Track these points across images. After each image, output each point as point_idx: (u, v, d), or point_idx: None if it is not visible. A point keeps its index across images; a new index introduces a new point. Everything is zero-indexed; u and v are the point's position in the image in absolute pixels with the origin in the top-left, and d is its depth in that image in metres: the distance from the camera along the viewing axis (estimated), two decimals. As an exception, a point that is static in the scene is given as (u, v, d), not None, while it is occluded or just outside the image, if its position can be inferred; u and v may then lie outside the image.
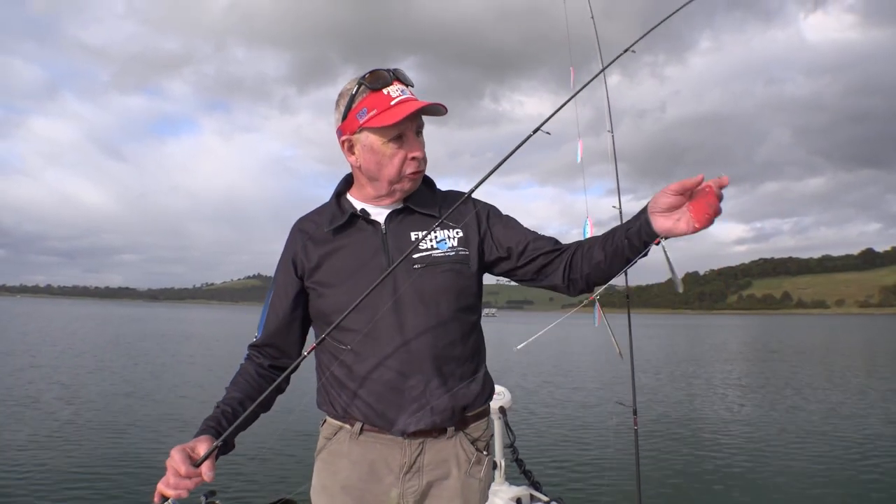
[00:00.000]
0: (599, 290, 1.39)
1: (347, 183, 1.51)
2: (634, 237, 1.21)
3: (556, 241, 1.43)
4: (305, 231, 1.47)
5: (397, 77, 1.37)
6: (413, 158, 1.36)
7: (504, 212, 1.51)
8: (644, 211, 1.19)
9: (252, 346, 1.48)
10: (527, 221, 1.49)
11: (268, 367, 1.44)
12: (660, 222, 1.15)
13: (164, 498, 1.15)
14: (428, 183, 1.52)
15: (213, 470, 1.17)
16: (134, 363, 14.92)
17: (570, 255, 1.37)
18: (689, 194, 1.11)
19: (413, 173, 1.38)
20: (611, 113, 2.70)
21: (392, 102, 1.32)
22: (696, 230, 1.12)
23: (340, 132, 1.41)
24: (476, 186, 1.33)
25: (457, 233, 1.43)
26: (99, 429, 7.42)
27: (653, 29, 1.54)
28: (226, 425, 1.26)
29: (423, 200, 1.46)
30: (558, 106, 1.40)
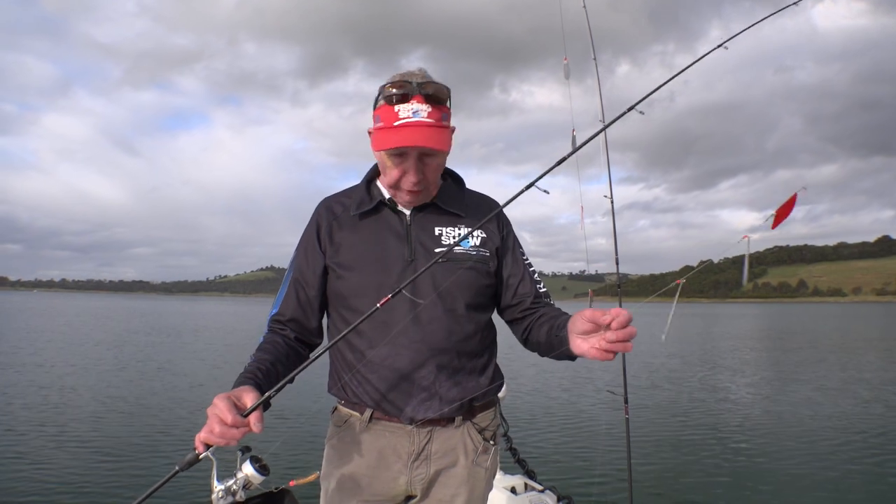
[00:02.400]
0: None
1: (378, 170, 1.51)
2: (558, 346, 1.28)
3: (534, 295, 1.48)
4: (333, 211, 1.48)
5: (422, 93, 1.30)
6: (408, 179, 1.35)
7: (516, 204, 1.52)
8: (565, 327, 1.24)
9: (274, 320, 1.44)
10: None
11: (294, 339, 1.42)
12: (576, 344, 1.18)
13: (207, 447, 1.08)
14: (457, 181, 1.54)
15: (261, 421, 1.08)
16: (138, 360, 15.05)
17: (529, 322, 1.45)
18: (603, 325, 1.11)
19: (410, 191, 1.37)
20: (603, 108, 2.69)
21: (395, 123, 1.29)
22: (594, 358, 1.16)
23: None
24: (505, 205, 1.36)
25: (479, 233, 1.45)
26: (104, 420, 7.51)
27: (660, 87, 1.51)
28: (262, 378, 1.20)
29: (451, 198, 1.48)
30: (555, 162, 1.42)
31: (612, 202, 2.82)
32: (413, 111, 1.29)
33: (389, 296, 1.20)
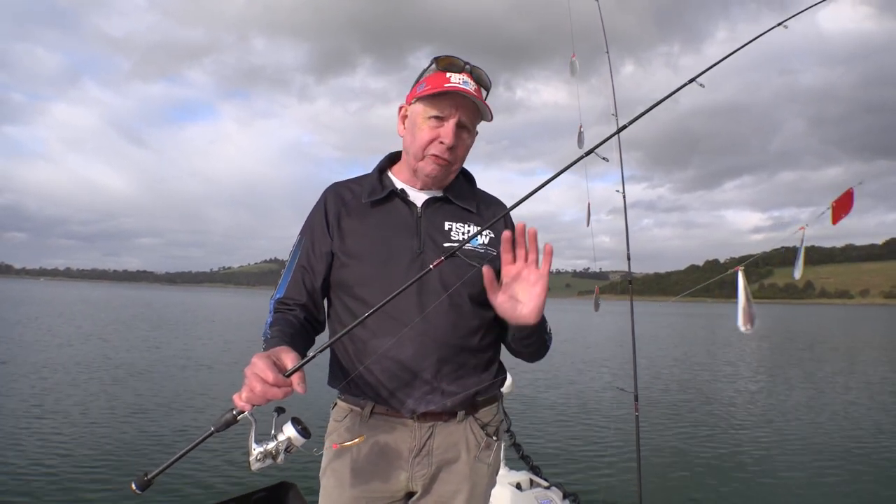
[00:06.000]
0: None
1: (391, 160, 1.53)
2: (514, 330, 1.34)
3: None
4: (342, 197, 1.47)
5: (472, 72, 1.40)
6: (441, 142, 1.36)
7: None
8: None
9: (280, 302, 1.40)
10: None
11: (304, 320, 1.37)
12: (513, 318, 1.27)
13: (240, 412, 1.05)
14: (468, 178, 1.55)
15: (304, 382, 1.05)
16: (127, 349, 15.09)
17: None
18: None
19: (436, 157, 1.38)
20: (616, 102, 2.68)
21: (446, 84, 1.34)
22: (533, 314, 1.25)
23: (405, 103, 1.46)
24: (517, 204, 1.33)
25: (488, 232, 1.45)
26: (102, 413, 7.37)
27: (721, 60, 1.52)
28: (291, 345, 1.16)
29: (462, 194, 1.48)
30: (609, 135, 1.43)
31: (623, 196, 2.79)
32: (463, 81, 1.36)
33: (400, 290, 1.19)
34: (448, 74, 1.36)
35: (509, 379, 3.01)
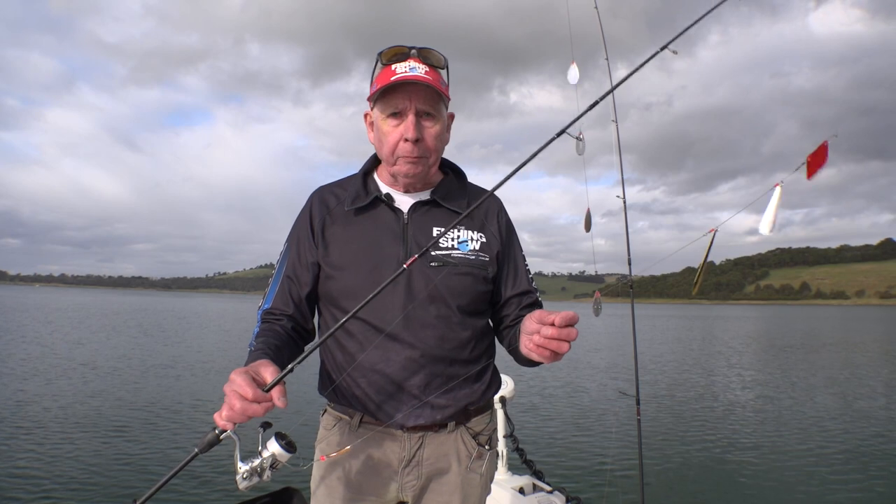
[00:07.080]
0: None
1: (375, 161, 1.45)
2: (512, 347, 1.30)
3: (530, 304, 1.42)
4: (326, 203, 1.40)
5: (420, 56, 1.30)
6: (406, 139, 1.27)
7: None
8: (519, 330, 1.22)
9: (268, 313, 1.36)
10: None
11: (291, 329, 1.33)
12: (522, 343, 1.15)
13: (222, 431, 1.02)
14: (458, 174, 1.47)
15: (285, 396, 1.01)
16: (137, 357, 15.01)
17: (515, 331, 1.38)
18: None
19: (407, 157, 1.30)
20: (615, 105, 2.68)
21: (392, 78, 1.26)
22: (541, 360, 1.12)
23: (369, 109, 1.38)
24: (498, 185, 1.26)
25: (480, 236, 1.38)
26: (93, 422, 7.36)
27: (697, 21, 1.49)
28: (274, 356, 1.14)
29: (451, 195, 1.40)
30: (586, 108, 1.36)
31: (624, 200, 2.80)
32: (410, 68, 1.27)
33: (387, 281, 1.13)
34: (393, 67, 1.27)
35: (511, 383, 3.02)
